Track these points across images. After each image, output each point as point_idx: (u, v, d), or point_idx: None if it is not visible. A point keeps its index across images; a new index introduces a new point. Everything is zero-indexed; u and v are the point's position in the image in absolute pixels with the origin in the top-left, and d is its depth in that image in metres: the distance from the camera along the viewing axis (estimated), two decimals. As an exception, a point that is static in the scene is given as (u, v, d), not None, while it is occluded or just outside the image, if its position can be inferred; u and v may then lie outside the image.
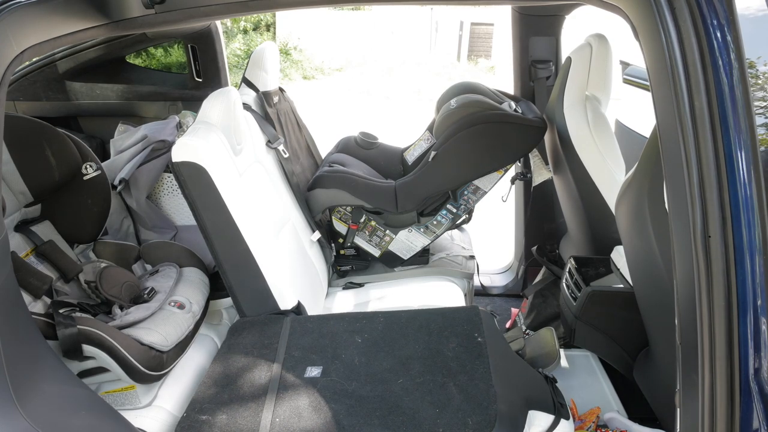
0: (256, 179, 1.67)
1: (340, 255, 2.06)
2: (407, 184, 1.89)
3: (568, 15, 2.04)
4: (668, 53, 0.79)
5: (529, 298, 2.12)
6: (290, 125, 2.08)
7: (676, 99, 0.79)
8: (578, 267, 1.64)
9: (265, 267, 1.50)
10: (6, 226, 1.22)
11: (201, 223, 1.47)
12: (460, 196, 1.92)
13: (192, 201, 1.44)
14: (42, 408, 0.93)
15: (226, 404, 1.18)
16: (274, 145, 1.86)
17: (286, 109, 2.10)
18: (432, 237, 1.98)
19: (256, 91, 1.96)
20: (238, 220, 1.45)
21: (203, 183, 1.41)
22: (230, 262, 1.50)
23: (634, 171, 1.24)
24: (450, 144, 1.80)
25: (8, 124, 1.33)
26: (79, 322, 1.20)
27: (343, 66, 12.84)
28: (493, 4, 3.13)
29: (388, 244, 1.99)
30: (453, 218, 1.95)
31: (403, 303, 1.81)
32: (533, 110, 1.88)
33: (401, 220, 1.96)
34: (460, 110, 1.82)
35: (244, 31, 12.07)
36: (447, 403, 1.13)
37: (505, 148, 1.82)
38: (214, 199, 1.42)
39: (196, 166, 1.39)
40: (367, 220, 1.96)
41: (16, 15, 0.91)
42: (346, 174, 1.94)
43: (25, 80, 2.19)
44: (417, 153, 2.05)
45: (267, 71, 1.98)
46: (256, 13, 1.40)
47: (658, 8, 0.79)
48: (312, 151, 2.21)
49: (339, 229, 2.01)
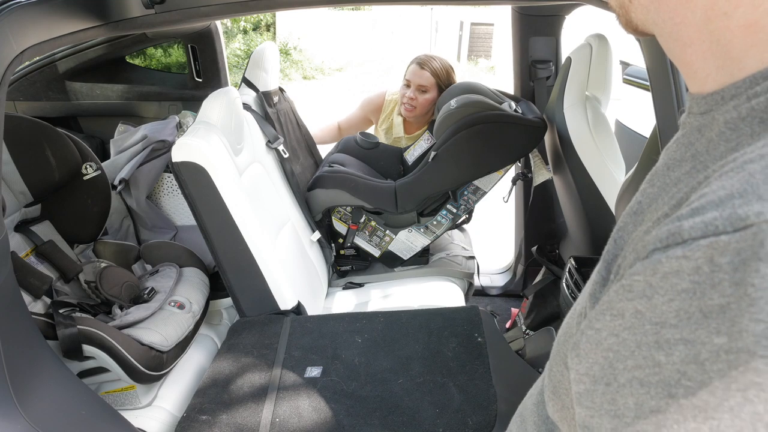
0: (256, 179, 1.67)
1: (340, 255, 2.06)
2: (407, 185, 1.89)
3: (568, 15, 2.03)
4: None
5: (529, 298, 2.12)
6: (290, 125, 2.08)
7: (676, 99, 0.79)
8: (578, 267, 1.64)
9: (265, 267, 1.50)
10: (6, 226, 1.22)
11: (201, 224, 1.47)
12: (460, 197, 1.92)
13: (192, 201, 1.44)
14: (42, 408, 0.93)
15: (226, 404, 1.18)
16: (274, 145, 1.86)
17: (286, 109, 2.10)
18: (432, 237, 1.98)
19: (256, 91, 1.96)
20: (238, 220, 1.45)
21: (203, 183, 1.41)
22: (230, 263, 1.50)
23: (634, 171, 1.24)
24: (450, 144, 1.80)
25: (8, 124, 1.33)
26: (79, 322, 1.20)
27: (343, 66, 12.85)
28: (493, 4, 3.13)
29: (388, 245, 1.99)
30: (453, 218, 1.96)
31: (404, 303, 1.81)
32: (533, 110, 1.88)
33: (401, 220, 1.96)
34: (461, 110, 1.82)
35: (244, 31, 12.08)
36: (447, 403, 1.13)
37: (505, 148, 1.82)
38: (214, 199, 1.42)
39: (196, 166, 1.39)
40: (367, 221, 1.96)
41: (16, 15, 0.91)
42: (346, 174, 1.94)
43: (25, 80, 2.19)
44: (417, 153, 2.05)
45: (267, 71, 1.98)
46: (256, 13, 1.40)
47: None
48: (312, 151, 2.21)
49: (339, 229, 2.01)
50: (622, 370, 0.28)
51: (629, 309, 0.29)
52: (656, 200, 0.36)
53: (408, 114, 2.20)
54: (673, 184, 0.35)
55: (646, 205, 0.37)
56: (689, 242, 0.26)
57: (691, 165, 0.35)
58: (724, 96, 0.33)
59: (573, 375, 0.33)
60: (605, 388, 0.29)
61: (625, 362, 0.28)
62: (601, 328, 0.31)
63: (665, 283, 0.27)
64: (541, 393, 0.51)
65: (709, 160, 0.33)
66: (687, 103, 0.39)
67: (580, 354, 0.32)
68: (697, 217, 0.27)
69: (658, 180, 0.38)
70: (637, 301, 0.28)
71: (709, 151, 0.34)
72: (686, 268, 0.26)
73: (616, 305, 0.30)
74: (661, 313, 0.27)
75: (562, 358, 0.42)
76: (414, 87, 2.14)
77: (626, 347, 0.28)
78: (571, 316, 0.43)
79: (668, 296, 0.27)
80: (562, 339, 0.43)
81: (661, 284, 0.27)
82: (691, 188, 0.32)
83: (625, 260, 0.34)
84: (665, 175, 0.37)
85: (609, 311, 0.30)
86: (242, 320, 1.53)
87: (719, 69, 0.34)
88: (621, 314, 0.29)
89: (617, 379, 0.29)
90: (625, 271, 0.31)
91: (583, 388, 0.32)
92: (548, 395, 0.45)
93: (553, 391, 0.44)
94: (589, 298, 0.37)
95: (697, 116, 0.36)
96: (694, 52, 0.35)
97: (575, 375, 0.33)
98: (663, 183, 0.37)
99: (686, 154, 0.36)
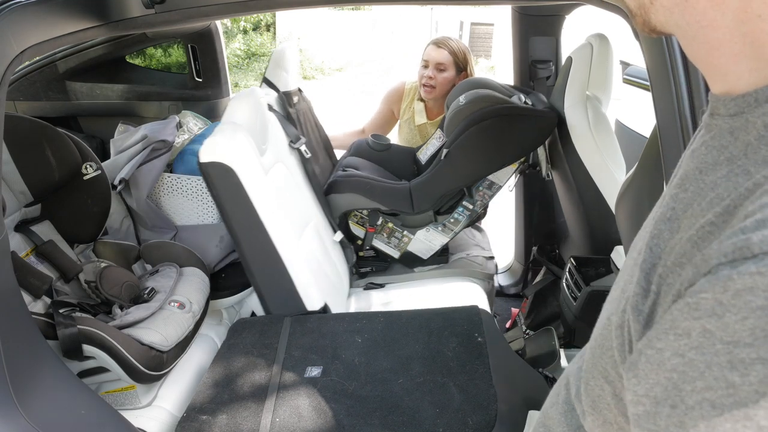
0: (280, 179, 1.68)
1: (360, 257, 2.05)
2: (421, 184, 1.88)
3: (568, 15, 2.03)
4: (668, 53, 0.79)
5: (529, 298, 2.12)
6: (309, 125, 2.08)
7: (676, 99, 0.79)
8: (578, 267, 1.64)
9: (292, 268, 1.51)
10: (6, 226, 1.22)
11: (228, 224, 1.47)
12: (476, 192, 1.91)
13: (220, 201, 1.44)
14: (42, 408, 0.93)
15: (226, 404, 1.18)
16: (297, 145, 1.86)
17: (305, 109, 2.10)
18: (450, 235, 1.97)
19: (277, 91, 1.96)
20: (266, 220, 1.45)
21: (231, 183, 1.41)
22: (257, 263, 1.50)
23: (634, 171, 1.24)
24: (461, 141, 1.79)
25: (8, 124, 1.33)
26: (79, 322, 1.20)
27: (343, 66, 12.84)
28: (493, 4, 3.13)
29: (406, 245, 1.98)
30: (470, 215, 1.93)
31: (426, 304, 1.79)
32: (544, 102, 1.86)
33: (418, 220, 1.95)
34: (470, 106, 1.81)
35: (244, 31, 12.08)
36: (447, 403, 1.13)
37: (517, 141, 1.80)
38: (241, 200, 1.42)
39: (223, 167, 1.39)
40: (384, 222, 1.95)
41: (16, 15, 0.91)
42: (360, 177, 1.94)
43: (25, 80, 2.19)
44: (430, 152, 2.04)
45: (288, 71, 1.98)
46: (256, 13, 1.40)
47: (659, 8, 0.79)
48: (329, 152, 2.21)
49: (356, 233, 2.00)
50: (690, 391, 0.27)
51: (696, 328, 0.28)
52: (691, 205, 0.35)
53: (428, 95, 2.20)
54: (710, 188, 0.35)
55: (680, 211, 0.37)
56: (761, 257, 0.26)
57: (727, 169, 0.34)
58: (758, 98, 0.33)
59: (630, 396, 0.32)
60: (671, 410, 0.28)
61: (693, 383, 0.27)
62: (663, 348, 0.30)
63: (738, 300, 0.26)
64: (567, 402, 0.50)
65: (749, 164, 0.32)
66: (710, 104, 0.39)
67: (638, 375, 0.32)
68: (765, 230, 0.26)
69: (690, 185, 0.37)
70: (706, 320, 0.27)
71: (748, 155, 0.33)
72: (761, 284, 0.25)
73: (681, 324, 0.29)
74: (734, 332, 0.26)
75: (601, 372, 0.41)
76: (432, 66, 2.14)
77: (694, 368, 0.27)
78: (605, 328, 0.42)
79: (742, 314, 0.26)
80: (598, 353, 0.42)
81: (733, 302, 0.26)
82: (739, 195, 0.31)
83: (669, 272, 0.33)
84: (698, 180, 0.36)
85: (672, 330, 0.29)
86: (242, 320, 1.53)
87: (753, 71, 0.33)
88: (687, 334, 0.28)
89: (684, 401, 0.28)
90: (683, 286, 0.30)
91: (643, 410, 0.31)
92: (586, 409, 0.44)
93: (592, 405, 0.42)
94: (632, 312, 0.36)
95: (726, 118, 0.36)
96: (723, 54, 0.34)
97: (633, 396, 0.32)
98: (697, 188, 0.36)
99: (720, 157, 0.35)
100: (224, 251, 1.76)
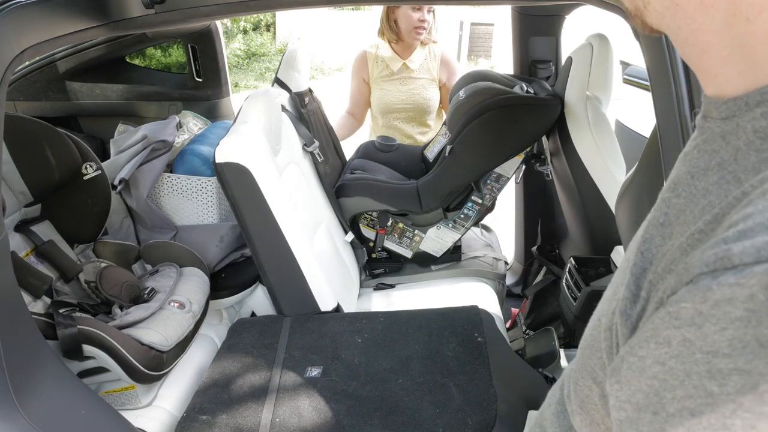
0: (293, 180, 1.68)
1: (372, 258, 2.05)
2: (429, 183, 1.88)
3: (568, 15, 2.03)
4: (668, 53, 0.79)
5: (529, 298, 2.12)
6: (319, 125, 2.08)
7: (676, 99, 0.79)
8: (578, 267, 1.64)
9: (306, 268, 1.51)
10: (6, 226, 1.22)
11: (243, 224, 1.47)
12: (484, 186, 1.90)
13: (235, 202, 1.44)
14: (42, 408, 0.93)
15: (226, 404, 1.18)
16: (311, 148, 1.87)
17: (315, 109, 2.09)
18: (462, 231, 1.96)
19: (289, 92, 1.96)
20: (280, 221, 1.45)
21: (246, 184, 1.41)
22: (271, 263, 1.50)
23: (634, 171, 1.24)
24: (464, 136, 1.78)
25: (8, 124, 1.33)
26: (79, 322, 1.20)
27: (343, 66, 12.84)
28: (493, 4, 3.12)
29: (419, 244, 1.98)
30: (480, 209, 1.93)
31: (436, 304, 1.79)
32: (547, 89, 1.85)
33: (428, 218, 1.94)
34: (470, 100, 1.80)
35: (244, 31, 12.07)
36: (447, 403, 1.14)
37: (520, 131, 1.79)
38: (257, 200, 1.42)
39: (239, 167, 1.39)
40: (395, 223, 1.95)
41: (16, 15, 0.91)
42: (367, 180, 1.94)
43: (25, 80, 2.19)
44: (436, 149, 2.03)
45: (300, 72, 1.98)
46: (256, 13, 1.40)
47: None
48: (338, 152, 2.21)
49: (367, 235, 1.99)
50: (671, 399, 0.28)
51: (676, 337, 0.28)
52: (684, 211, 0.35)
53: (418, 36, 2.18)
54: (701, 195, 0.34)
55: (673, 217, 0.37)
56: (741, 268, 0.26)
57: (718, 175, 0.34)
58: (749, 102, 0.33)
59: (613, 401, 0.33)
60: (652, 417, 0.29)
61: (673, 391, 0.28)
62: (645, 355, 0.30)
63: (717, 311, 0.26)
64: (560, 403, 0.50)
65: (739, 170, 0.32)
66: (703, 106, 0.39)
67: (621, 380, 0.32)
68: (746, 241, 0.26)
69: (683, 190, 0.37)
70: (686, 329, 0.27)
71: (738, 161, 0.33)
72: (740, 295, 0.25)
73: (662, 333, 0.29)
74: (713, 342, 0.26)
75: (590, 372, 0.41)
76: (426, 8, 2.14)
77: (674, 376, 0.28)
78: (595, 329, 0.42)
79: (721, 324, 0.26)
80: (587, 353, 0.42)
81: (712, 312, 0.26)
82: (728, 203, 0.31)
83: (660, 279, 0.33)
84: (690, 185, 0.36)
85: (654, 338, 0.30)
86: (242, 320, 1.53)
87: (741, 74, 0.33)
88: (667, 342, 0.28)
89: (665, 408, 0.28)
90: (666, 294, 0.30)
91: (625, 416, 0.31)
92: (575, 408, 0.44)
93: (580, 405, 0.43)
94: (621, 316, 0.36)
95: (718, 121, 0.36)
96: (712, 58, 0.34)
97: (615, 401, 0.32)
98: (689, 193, 0.36)
99: (711, 162, 0.35)
100: (224, 251, 1.76)
